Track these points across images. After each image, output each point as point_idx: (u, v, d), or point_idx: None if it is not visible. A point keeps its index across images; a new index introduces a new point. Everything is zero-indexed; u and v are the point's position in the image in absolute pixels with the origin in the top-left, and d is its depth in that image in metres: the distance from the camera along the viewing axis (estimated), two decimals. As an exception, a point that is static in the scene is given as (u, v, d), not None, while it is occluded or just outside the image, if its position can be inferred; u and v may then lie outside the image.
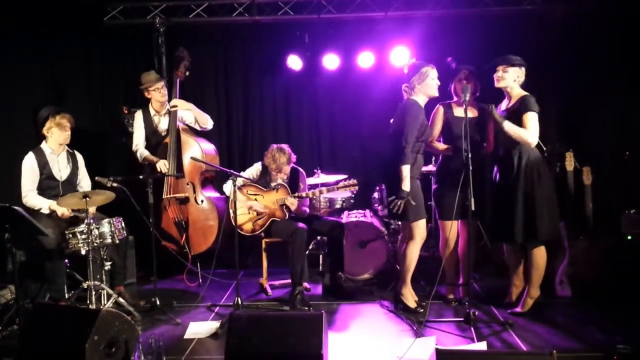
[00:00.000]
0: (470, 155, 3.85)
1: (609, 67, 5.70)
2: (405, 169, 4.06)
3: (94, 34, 6.07)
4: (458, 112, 4.37)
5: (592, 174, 4.75)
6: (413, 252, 4.27)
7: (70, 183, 4.76)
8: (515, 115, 4.06)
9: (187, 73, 5.42)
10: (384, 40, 6.01)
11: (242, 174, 4.86)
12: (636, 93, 5.58)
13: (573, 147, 4.87)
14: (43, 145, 4.69)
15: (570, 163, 4.78)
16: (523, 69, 4.12)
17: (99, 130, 6.24)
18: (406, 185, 4.07)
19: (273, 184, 4.85)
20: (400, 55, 5.87)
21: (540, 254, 4.14)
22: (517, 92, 4.14)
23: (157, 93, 5.25)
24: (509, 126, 4.01)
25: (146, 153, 5.29)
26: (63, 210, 4.51)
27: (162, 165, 5.12)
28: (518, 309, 4.21)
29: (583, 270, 4.51)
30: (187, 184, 5.24)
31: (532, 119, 4.01)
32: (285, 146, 4.83)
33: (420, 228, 4.25)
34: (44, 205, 4.56)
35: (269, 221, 4.78)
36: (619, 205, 4.96)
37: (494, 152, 4.28)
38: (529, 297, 4.20)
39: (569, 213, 4.66)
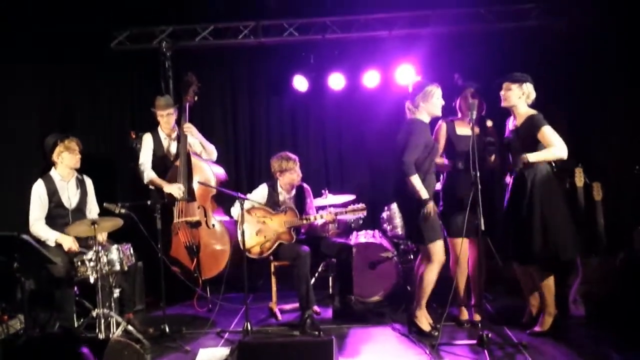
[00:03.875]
0: (478, 174, 3.82)
1: (617, 81, 5.65)
2: (414, 179, 4.02)
3: (101, 59, 6.10)
4: (461, 130, 4.36)
5: (602, 189, 4.69)
6: (430, 276, 4.17)
7: (80, 211, 4.73)
8: (526, 135, 4.02)
9: (196, 98, 5.43)
10: (389, 59, 6.02)
11: (249, 196, 4.84)
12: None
13: (582, 162, 4.82)
14: (52, 172, 4.67)
15: (580, 179, 4.73)
16: (528, 84, 4.08)
17: (107, 156, 6.27)
18: (424, 194, 4.02)
19: (281, 207, 4.85)
20: (406, 73, 5.87)
21: (548, 284, 4.08)
22: (524, 110, 4.09)
23: (162, 119, 5.28)
24: (535, 157, 3.95)
25: (152, 175, 5.24)
26: (70, 245, 4.48)
27: (177, 190, 5.09)
28: (537, 328, 4.11)
29: (596, 289, 4.43)
30: (198, 208, 5.22)
31: (549, 133, 3.94)
32: (283, 153, 4.93)
33: (437, 249, 4.15)
34: (51, 237, 4.51)
35: (277, 244, 4.76)
36: (631, 221, 4.88)
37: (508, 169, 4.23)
38: (547, 315, 4.11)
39: (580, 230, 4.60)
